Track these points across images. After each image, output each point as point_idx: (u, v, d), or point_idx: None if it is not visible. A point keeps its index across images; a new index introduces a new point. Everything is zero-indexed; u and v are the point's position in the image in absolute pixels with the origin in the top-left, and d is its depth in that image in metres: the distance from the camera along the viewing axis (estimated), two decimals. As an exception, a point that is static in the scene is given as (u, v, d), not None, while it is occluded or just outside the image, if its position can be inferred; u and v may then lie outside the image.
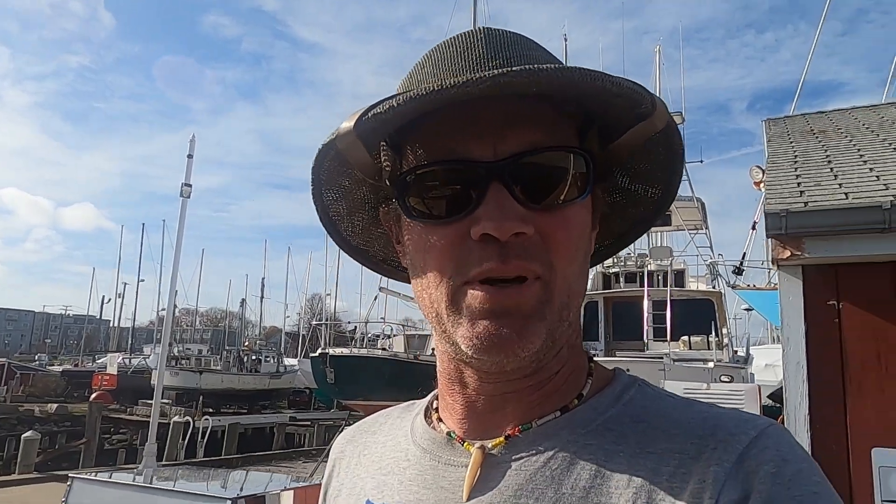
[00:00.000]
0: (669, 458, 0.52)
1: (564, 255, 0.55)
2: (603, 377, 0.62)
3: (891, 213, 2.65)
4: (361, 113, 0.53)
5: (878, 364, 2.80)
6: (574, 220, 0.56)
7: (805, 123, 5.33)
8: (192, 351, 38.77)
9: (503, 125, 0.54)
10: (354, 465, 0.70)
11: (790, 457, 0.50)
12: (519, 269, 0.53)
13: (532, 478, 0.55)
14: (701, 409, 0.56)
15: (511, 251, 0.52)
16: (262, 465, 17.92)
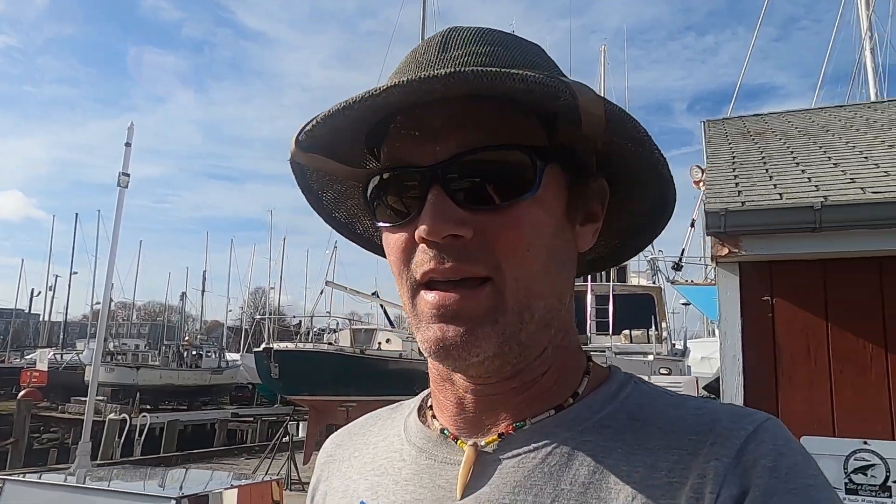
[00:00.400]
0: (667, 453, 0.52)
1: (513, 255, 0.53)
2: (599, 375, 0.62)
3: (821, 213, 2.78)
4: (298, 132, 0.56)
5: (808, 357, 2.94)
6: (523, 218, 0.54)
7: (742, 125, 5.54)
8: (128, 346, 37.58)
9: (444, 129, 0.54)
10: (346, 468, 0.68)
11: (786, 450, 0.51)
12: (455, 271, 0.53)
13: (530, 474, 0.55)
14: (697, 405, 0.56)
15: (447, 253, 0.53)
16: (203, 462, 17.51)
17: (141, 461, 16.24)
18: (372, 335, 20.45)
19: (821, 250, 2.91)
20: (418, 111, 0.53)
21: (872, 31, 17.25)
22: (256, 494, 5.24)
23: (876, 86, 17.27)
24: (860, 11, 17.71)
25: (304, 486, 13.94)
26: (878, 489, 2.73)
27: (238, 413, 25.05)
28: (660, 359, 12.44)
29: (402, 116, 0.54)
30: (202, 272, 56.60)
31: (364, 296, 22.81)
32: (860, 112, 5.45)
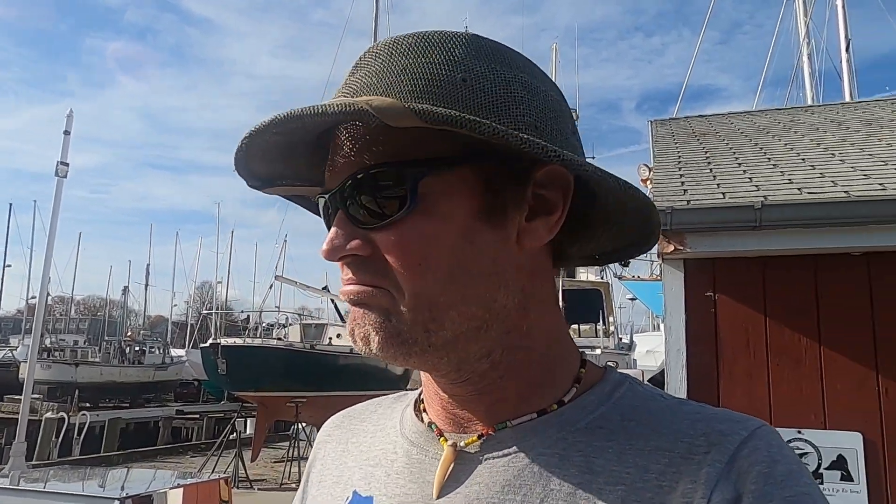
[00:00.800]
0: (659, 456, 0.52)
1: (406, 271, 0.54)
2: (593, 375, 0.61)
3: (761, 212, 2.89)
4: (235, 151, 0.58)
5: (748, 351, 3.06)
6: (411, 234, 0.54)
7: (688, 126, 5.70)
8: (66, 342, 36.18)
9: (345, 152, 0.56)
10: (341, 452, 0.69)
11: (780, 457, 0.51)
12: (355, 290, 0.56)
13: (520, 473, 0.55)
14: (692, 409, 0.56)
15: (349, 270, 0.57)
16: (146, 462, 17.06)
17: (80, 461, 15.70)
18: (322, 330, 20.22)
19: (760, 248, 3.02)
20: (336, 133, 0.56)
21: (810, 38, 17.98)
22: (203, 494, 5.13)
23: (812, 89, 18.01)
24: (798, 19, 18.41)
25: (252, 484, 13.73)
26: (810, 476, 2.87)
27: (183, 410, 24.49)
28: (607, 353, 12.72)
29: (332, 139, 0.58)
30: (145, 265, 55.02)
31: (314, 290, 22.55)
32: (798, 115, 5.68)
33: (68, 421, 17.24)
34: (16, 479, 5.83)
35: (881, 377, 2.87)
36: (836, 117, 5.26)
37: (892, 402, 2.84)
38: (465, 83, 0.53)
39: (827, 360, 2.94)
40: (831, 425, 2.89)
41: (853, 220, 2.86)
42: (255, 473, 14.76)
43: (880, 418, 2.84)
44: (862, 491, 2.81)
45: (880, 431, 2.84)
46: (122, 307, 54.09)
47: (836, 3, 15.08)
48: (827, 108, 5.93)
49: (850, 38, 14.97)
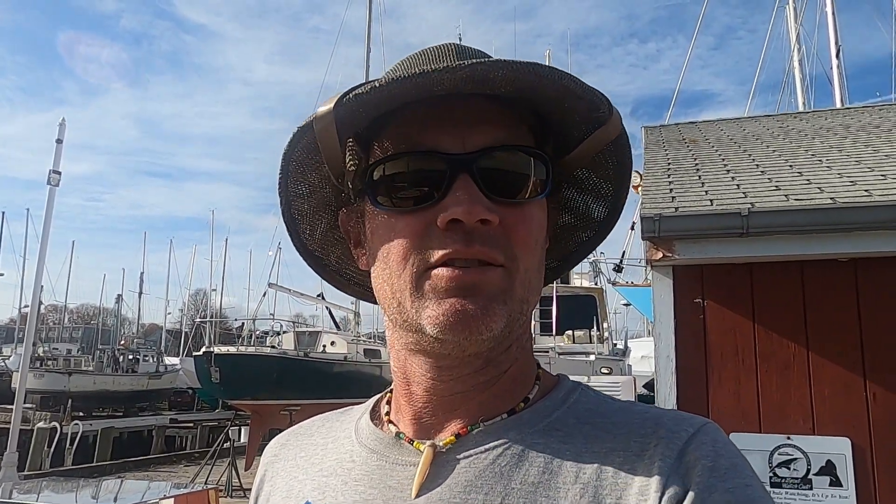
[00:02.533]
0: (615, 455, 0.55)
1: (525, 247, 0.57)
2: (548, 382, 0.64)
3: (749, 219, 2.91)
4: (342, 94, 0.54)
5: (736, 356, 3.07)
6: (534, 216, 0.59)
7: (678, 133, 5.73)
8: (59, 351, 35.92)
9: (471, 121, 0.57)
10: (290, 468, 0.68)
11: (724, 452, 0.53)
12: (481, 254, 0.55)
13: (481, 474, 0.56)
14: (641, 410, 0.59)
15: (475, 237, 0.55)
16: (140, 471, 16.93)
17: (73, 471, 15.59)
18: (316, 338, 20.16)
19: (748, 254, 3.04)
20: (442, 103, 0.56)
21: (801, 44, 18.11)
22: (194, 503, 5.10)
23: (804, 94, 18.13)
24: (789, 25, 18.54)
25: (246, 493, 13.65)
26: (800, 482, 2.88)
27: (177, 419, 24.32)
28: (601, 359, 12.72)
29: (422, 107, 0.56)
30: (139, 274, 54.75)
31: (309, 298, 22.50)
32: (787, 122, 5.72)
33: (61, 430, 17.11)
34: (7, 491, 5.78)
35: (869, 382, 2.88)
36: (824, 124, 5.30)
37: (879, 408, 2.86)
38: None
39: (815, 366, 2.96)
40: (820, 431, 2.90)
41: (839, 227, 2.88)
42: (250, 482, 14.66)
43: (868, 423, 2.86)
44: (851, 496, 2.82)
45: (868, 437, 2.85)
46: (116, 315, 53.82)
47: (827, 9, 15.20)
48: (815, 115, 5.98)
49: (841, 44, 15.09)
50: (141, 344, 43.79)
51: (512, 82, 0.54)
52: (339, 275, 0.74)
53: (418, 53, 0.62)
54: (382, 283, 0.59)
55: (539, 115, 0.60)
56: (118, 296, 53.66)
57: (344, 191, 0.63)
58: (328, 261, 0.72)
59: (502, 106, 0.58)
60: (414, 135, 0.57)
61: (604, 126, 0.59)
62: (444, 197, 0.55)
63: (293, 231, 0.69)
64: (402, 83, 0.52)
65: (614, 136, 0.61)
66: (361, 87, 0.54)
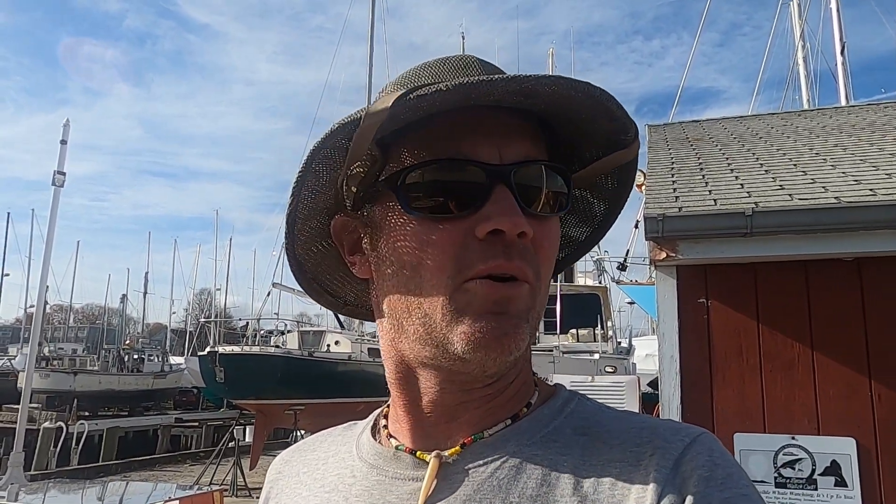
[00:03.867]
0: (611, 466, 0.55)
1: (547, 263, 0.58)
2: (546, 391, 0.64)
3: (752, 219, 2.90)
4: (402, 93, 0.53)
5: (740, 357, 3.06)
6: (555, 231, 0.60)
7: (682, 131, 5.72)
8: (65, 350, 36.11)
9: (505, 134, 0.57)
10: (294, 485, 0.68)
11: (721, 462, 0.53)
12: (519, 270, 0.55)
13: (480, 487, 0.56)
14: (638, 420, 0.59)
15: (514, 251, 0.54)
16: (145, 470, 17.00)
17: (78, 470, 15.65)
18: (321, 337, 20.16)
19: (752, 254, 3.03)
20: (476, 115, 0.56)
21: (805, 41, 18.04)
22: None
23: (808, 91, 18.07)
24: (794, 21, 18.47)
25: (251, 493, 13.68)
26: (805, 482, 2.87)
27: (182, 418, 24.40)
28: (605, 357, 12.70)
29: (457, 116, 0.56)
30: (144, 273, 54.89)
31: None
32: (791, 120, 5.70)
33: (66, 430, 17.15)
34: (14, 493, 5.80)
35: (874, 383, 2.87)
36: (828, 122, 5.28)
37: (885, 408, 2.84)
38: None
39: (819, 366, 2.95)
40: (825, 431, 2.89)
41: (844, 226, 2.86)
42: (254, 481, 14.70)
43: (873, 424, 2.85)
44: (856, 497, 2.81)
45: (874, 437, 2.84)
46: (121, 315, 53.95)
47: (831, 6, 15.13)
48: (820, 113, 5.95)
49: (845, 40, 15.02)
50: (146, 343, 43.89)
51: (555, 98, 0.54)
52: (315, 281, 0.71)
53: (440, 62, 0.61)
54: (403, 292, 0.57)
55: (550, 129, 0.61)
56: (123, 295, 53.87)
57: (347, 196, 0.62)
58: (307, 267, 0.70)
59: (522, 119, 0.58)
60: (449, 143, 0.56)
61: (625, 150, 0.60)
62: (482, 207, 0.54)
63: (290, 231, 0.66)
64: (467, 88, 0.51)
65: (629, 160, 0.62)
66: (424, 89, 0.52)
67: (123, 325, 53.02)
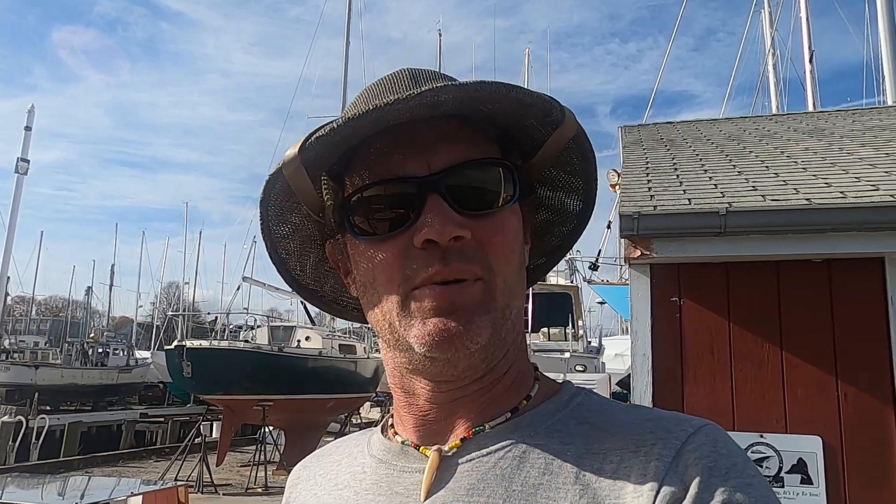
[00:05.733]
0: (613, 455, 0.55)
1: (501, 257, 0.59)
2: (551, 387, 0.66)
3: (726, 218, 2.93)
4: (305, 138, 0.57)
5: (711, 355, 3.09)
6: (506, 224, 0.60)
7: (656, 132, 5.77)
8: (26, 343, 35.22)
9: (433, 143, 0.59)
10: (311, 487, 0.71)
11: (725, 451, 0.53)
12: (459, 272, 0.57)
13: (483, 477, 0.57)
14: (643, 412, 0.60)
15: (451, 255, 0.57)
16: (108, 466, 16.68)
17: (38, 466, 15.28)
18: (291, 332, 19.95)
19: (725, 253, 3.06)
20: (405, 130, 0.58)
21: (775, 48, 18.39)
22: (162, 500, 5.01)
23: (777, 98, 18.43)
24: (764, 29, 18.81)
25: (217, 489, 13.51)
26: (771, 480, 2.91)
27: (147, 413, 23.99)
28: (576, 356, 12.79)
29: (387, 135, 0.58)
30: (110, 266, 53.86)
31: (284, 292, 22.28)
32: (763, 124, 5.79)
33: (26, 424, 16.77)
34: (-31, 486, 5.62)
35: (840, 382, 2.92)
36: (799, 126, 5.37)
37: (851, 407, 2.89)
38: None
39: (788, 365, 2.99)
40: (792, 429, 2.93)
41: (814, 227, 2.91)
42: (221, 478, 14.52)
43: (839, 423, 2.90)
44: (821, 494, 2.85)
45: (839, 435, 2.89)
46: (86, 308, 52.85)
47: (801, 15, 15.45)
48: (790, 118, 6.06)
49: (814, 49, 15.36)
50: (111, 337, 43.04)
51: (462, 102, 0.56)
52: (336, 303, 0.76)
53: (375, 84, 0.64)
54: (373, 307, 0.62)
55: (500, 126, 0.63)
56: (88, 288, 52.75)
57: (326, 225, 0.66)
58: (323, 292, 0.75)
59: (462, 123, 0.60)
60: (382, 164, 0.59)
61: (560, 127, 0.62)
62: (416, 219, 0.57)
63: (284, 271, 0.71)
64: (357, 121, 0.55)
65: (572, 135, 0.63)
66: (322, 129, 0.56)
67: (88, 317, 51.93)
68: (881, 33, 9.78)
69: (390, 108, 0.53)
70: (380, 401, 27.35)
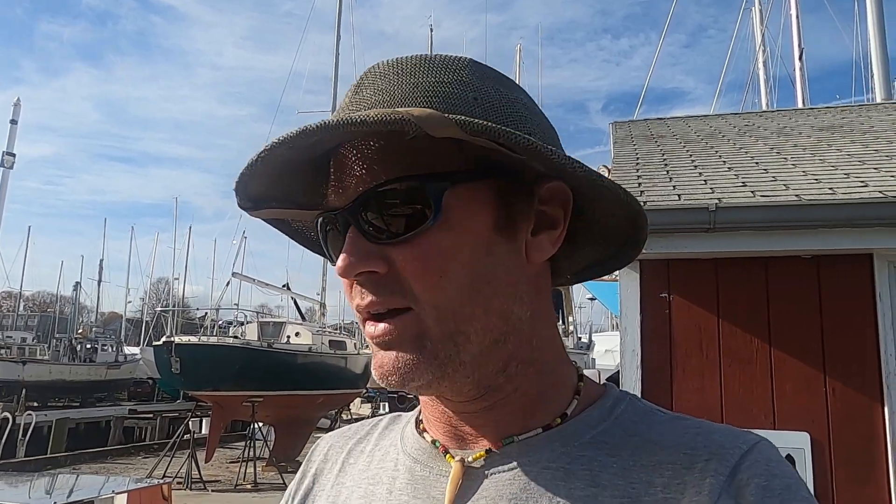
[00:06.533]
0: (664, 469, 0.53)
1: (426, 285, 0.53)
2: (594, 392, 0.62)
3: (716, 214, 2.92)
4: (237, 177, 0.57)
5: (700, 351, 3.09)
6: (430, 247, 0.53)
7: (647, 128, 5.76)
8: (13, 339, 34.92)
9: (354, 168, 0.55)
10: (338, 473, 0.68)
11: (779, 471, 0.52)
12: (374, 305, 0.54)
13: (525, 487, 0.55)
14: (692, 423, 0.57)
15: (367, 288, 0.54)
16: (96, 462, 16.59)
17: (25, 463, 15.17)
18: (281, 328, 19.89)
19: (714, 250, 3.05)
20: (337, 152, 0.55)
21: (765, 46, 18.45)
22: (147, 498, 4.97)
23: (767, 95, 18.50)
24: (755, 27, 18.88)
25: (206, 486, 13.45)
26: (759, 475, 2.91)
27: (136, 409, 23.87)
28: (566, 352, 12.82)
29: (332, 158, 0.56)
30: (99, 261, 53.54)
31: (274, 288, 22.21)
32: (753, 120, 5.79)
33: (13, 421, 16.64)
34: (-47, 483, 5.55)
35: (828, 378, 2.92)
36: (789, 123, 5.38)
37: (838, 403, 2.90)
38: (477, 101, 0.54)
39: (777, 361, 2.99)
40: (780, 425, 2.94)
41: (804, 224, 2.90)
42: (210, 474, 14.46)
43: (827, 418, 2.90)
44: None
45: (827, 431, 2.89)
46: (74, 303, 52.44)
47: (791, 13, 15.51)
48: (780, 114, 6.07)
49: (804, 46, 15.42)
50: (100, 333, 42.78)
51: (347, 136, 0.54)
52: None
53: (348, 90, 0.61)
54: None
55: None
56: (76, 283, 52.33)
57: None
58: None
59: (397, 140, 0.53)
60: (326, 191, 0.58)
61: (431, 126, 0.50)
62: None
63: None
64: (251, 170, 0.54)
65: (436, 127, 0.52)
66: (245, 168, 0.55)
67: (76, 313, 51.52)
68: (870, 31, 9.82)
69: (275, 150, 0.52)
70: (370, 396, 27.30)
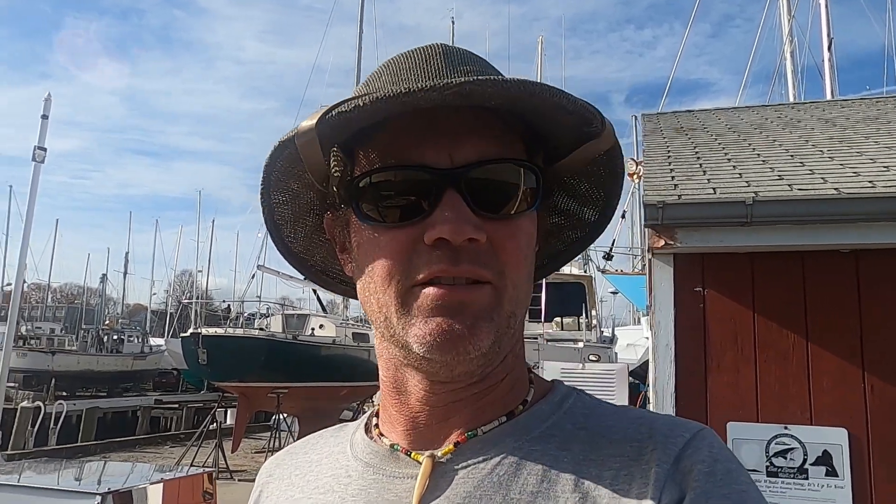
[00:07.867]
0: (612, 461, 0.54)
1: (513, 263, 0.56)
2: (543, 387, 0.64)
3: (753, 208, 2.89)
4: (325, 111, 0.53)
5: (735, 346, 3.06)
6: (523, 230, 0.57)
7: (675, 121, 5.70)
8: (43, 330, 35.68)
9: (459, 134, 0.55)
10: (286, 487, 0.67)
11: (721, 457, 0.53)
12: (469, 273, 0.54)
13: (480, 484, 0.55)
14: (637, 415, 0.59)
15: (463, 256, 0.54)
16: (124, 451, 16.90)
17: (56, 451, 15.50)
18: (305, 321, 20.05)
19: (750, 243, 3.02)
20: (429, 116, 0.54)
21: (793, 36, 18.11)
22: (185, 488, 5.05)
23: (794, 86, 18.17)
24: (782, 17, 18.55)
25: (233, 475, 13.64)
26: (796, 472, 2.88)
27: (162, 399, 24.26)
28: (589, 346, 12.77)
29: (409, 119, 0.54)
30: (124, 253, 54.38)
31: (297, 280, 22.37)
32: (784, 112, 5.70)
33: (44, 410, 16.99)
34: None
35: (867, 374, 2.88)
36: (822, 115, 5.29)
37: (877, 399, 2.86)
38: None
39: (814, 356, 2.96)
40: (817, 421, 2.91)
41: (843, 217, 2.86)
42: (236, 464, 14.66)
43: (865, 414, 2.86)
44: (846, 486, 2.83)
45: (865, 427, 2.85)
46: (101, 295, 53.36)
47: (820, 2, 15.19)
48: (812, 106, 5.97)
49: (833, 37, 15.10)
50: (125, 324, 43.48)
51: (499, 98, 0.52)
52: (325, 274, 0.72)
53: (404, 57, 0.60)
54: (368, 295, 0.58)
55: (529, 123, 0.59)
56: (103, 275, 53.29)
57: (329, 196, 0.62)
58: (313, 261, 0.71)
59: (491, 116, 0.56)
60: (401, 148, 0.56)
61: (596, 139, 0.58)
62: (430, 213, 0.54)
63: (276, 236, 0.68)
64: (386, 103, 0.51)
65: (607, 148, 0.60)
66: (345, 105, 0.52)
67: (103, 305, 52.44)
68: (904, 20, 9.58)
69: (425, 94, 0.50)
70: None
